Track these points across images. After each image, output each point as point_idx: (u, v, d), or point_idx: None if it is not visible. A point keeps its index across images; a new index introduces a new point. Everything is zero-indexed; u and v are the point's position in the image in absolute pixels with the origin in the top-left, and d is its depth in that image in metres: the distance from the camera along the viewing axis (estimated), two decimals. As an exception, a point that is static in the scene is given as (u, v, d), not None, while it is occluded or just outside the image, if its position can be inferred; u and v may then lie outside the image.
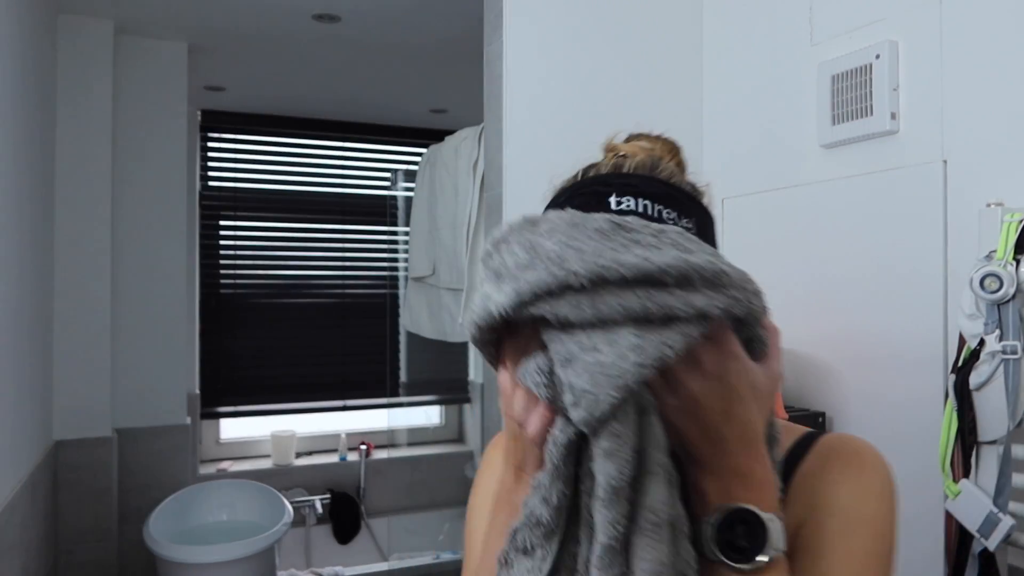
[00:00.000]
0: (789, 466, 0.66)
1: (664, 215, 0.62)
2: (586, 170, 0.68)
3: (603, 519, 0.50)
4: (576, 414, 0.49)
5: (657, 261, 0.50)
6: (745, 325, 0.56)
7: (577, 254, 0.50)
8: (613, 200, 0.62)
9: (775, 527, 0.54)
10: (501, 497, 0.62)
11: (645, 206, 0.61)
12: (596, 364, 0.48)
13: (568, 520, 0.55)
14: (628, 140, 0.72)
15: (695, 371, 0.53)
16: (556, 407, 0.53)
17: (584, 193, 0.64)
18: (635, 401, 0.51)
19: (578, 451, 0.54)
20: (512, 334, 0.56)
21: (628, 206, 0.61)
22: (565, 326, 0.50)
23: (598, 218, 0.53)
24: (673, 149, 0.71)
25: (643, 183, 0.63)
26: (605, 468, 0.50)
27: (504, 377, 0.58)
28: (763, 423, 0.57)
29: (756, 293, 0.54)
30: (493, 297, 0.53)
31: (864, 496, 0.63)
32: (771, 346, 0.58)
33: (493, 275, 0.54)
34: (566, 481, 0.54)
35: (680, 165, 0.70)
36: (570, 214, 0.53)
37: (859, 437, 0.69)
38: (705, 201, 0.67)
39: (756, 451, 0.55)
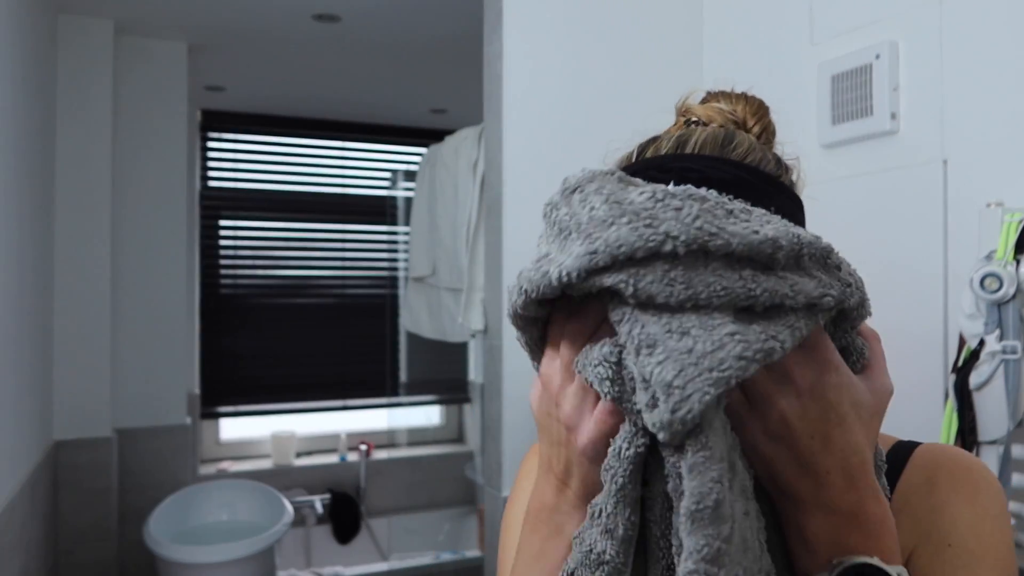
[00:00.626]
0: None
1: None
2: (643, 147, 0.56)
3: (692, 545, 0.37)
4: (654, 417, 0.38)
5: (767, 233, 0.40)
6: (839, 329, 0.46)
7: (674, 214, 0.39)
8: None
9: None
10: (537, 515, 0.51)
11: None
12: (687, 352, 0.37)
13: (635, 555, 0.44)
14: (705, 101, 0.61)
15: (785, 387, 0.43)
16: (623, 410, 0.42)
17: None
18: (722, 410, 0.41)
19: (644, 467, 0.43)
20: (567, 311, 0.45)
21: None
22: (646, 305, 0.39)
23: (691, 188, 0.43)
24: (760, 110, 0.60)
25: (709, 166, 0.51)
26: (693, 487, 0.38)
27: (550, 367, 0.47)
28: (871, 448, 0.47)
29: (863, 285, 0.45)
30: (556, 259, 0.41)
31: (982, 521, 0.54)
32: (874, 354, 0.49)
33: (558, 232, 0.43)
34: (634, 506, 0.43)
35: (768, 131, 0.60)
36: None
37: (962, 450, 0.60)
38: (793, 178, 0.57)
39: (865, 484, 0.45)
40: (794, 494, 0.44)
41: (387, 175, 4.25)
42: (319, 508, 3.75)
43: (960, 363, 1.24)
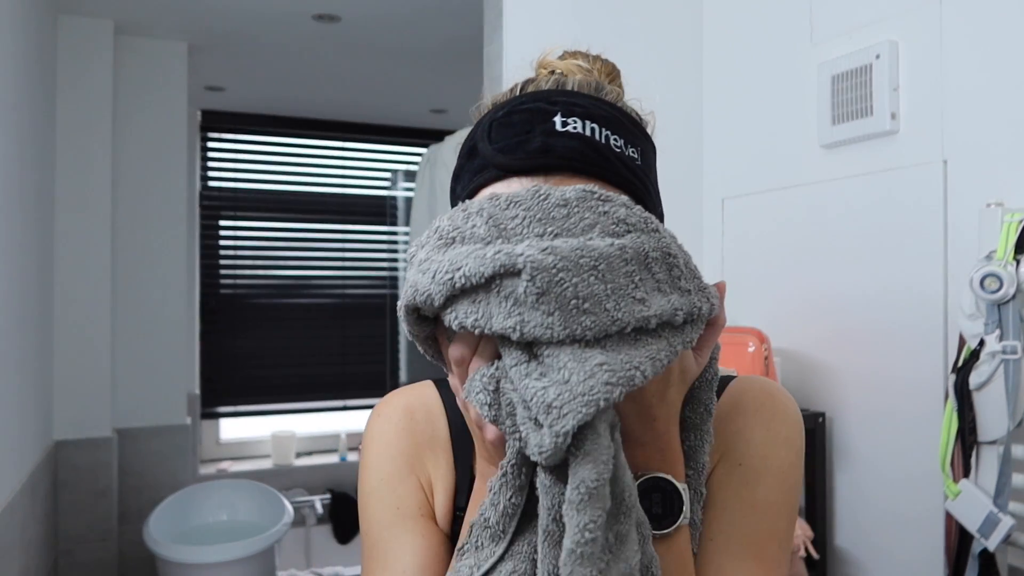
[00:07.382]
0: None
1: (611, 142, 0.57)
2: (524, 84, 0.62)
3: (575, 524, 0.43)
4: (536, 440, 0.45)
5: (620, 244, 0.48)
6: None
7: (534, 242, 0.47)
8: (559, 120, 0.56)
9: (687, 496, 0.56)
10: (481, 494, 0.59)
11: (593, 129, 0.56)
12: (564, 383, 0.45)
13: (525, 523, 0.53)
14: (563, 58, 0.66)
15: None
16: (500, 428, 0.50)
17: (526, 109, 0.58)
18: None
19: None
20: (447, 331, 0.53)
21: (575, 128, 0.56)
22: (530, 344, 0.48)
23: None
24: (612, 72, 0.66)
25: (591, 104, 0.58)
26: (578, 474, 0.44)
27: (453, 380, 0.56)
28: (681, 403, 0.58)
29: (707, 289, 0.54)
30: (419, 283, 0.50)
31: (772, 443, 0.62)
32: (706, 336, 0.57)
33: (437, 238, 0.52)
34: (517, 490, 0.53)
35: (621, 89, 0.65)
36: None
37: (771, 381, 0.68)
38: (649, 130, 0.63)
39: (675, 428, 0.56)
40: (626, 431, 0.53)
41: (387, 175, 4.25)
42: (319, 508, 3.74)
43: (960, 363, 1.24)
